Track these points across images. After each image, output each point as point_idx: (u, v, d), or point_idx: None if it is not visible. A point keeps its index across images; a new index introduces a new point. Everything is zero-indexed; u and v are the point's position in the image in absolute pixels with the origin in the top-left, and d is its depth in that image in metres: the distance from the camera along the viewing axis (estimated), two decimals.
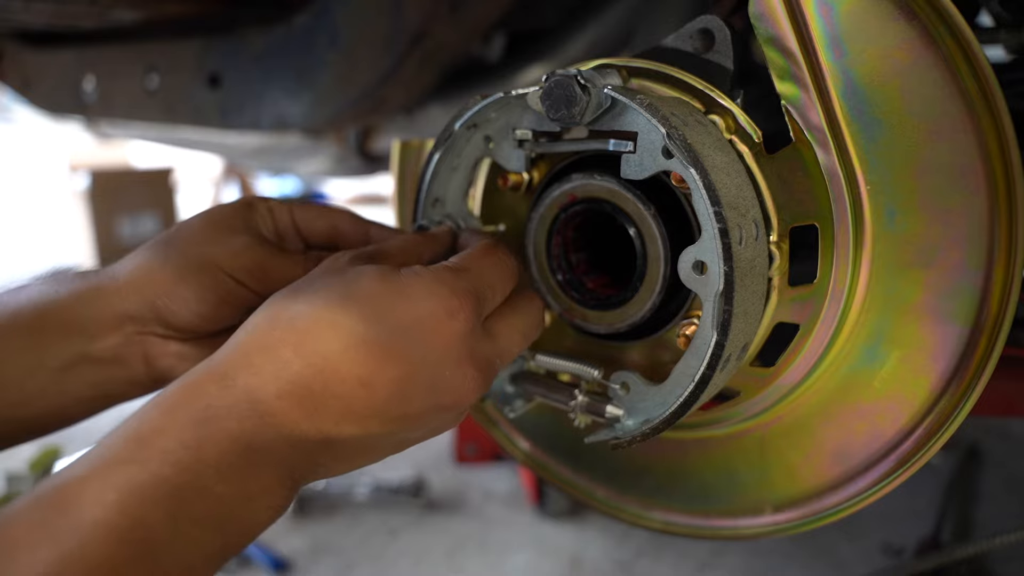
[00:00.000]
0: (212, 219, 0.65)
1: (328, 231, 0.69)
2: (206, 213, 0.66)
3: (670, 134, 0.51)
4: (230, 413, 0.45)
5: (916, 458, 0.57)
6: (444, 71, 1.23)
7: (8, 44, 1.91)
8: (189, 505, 0.42)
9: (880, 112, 0.53)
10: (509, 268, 0.59)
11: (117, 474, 0.42)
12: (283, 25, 1.28)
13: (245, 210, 0.67)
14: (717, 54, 0.60)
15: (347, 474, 1.82)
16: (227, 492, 0.44)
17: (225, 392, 0.46)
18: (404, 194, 0.84)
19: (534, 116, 0.61)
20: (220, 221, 0.65)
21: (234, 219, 0.65)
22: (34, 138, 7.64)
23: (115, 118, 1.70)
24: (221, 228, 0.65)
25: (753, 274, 0.53)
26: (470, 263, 0.56)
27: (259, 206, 0.68)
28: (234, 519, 0.45)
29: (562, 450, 0.81)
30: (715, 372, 0.53)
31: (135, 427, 0.45)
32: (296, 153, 1.74)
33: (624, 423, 0.60)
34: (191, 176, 6.09)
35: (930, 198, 0.53)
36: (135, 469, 0.42)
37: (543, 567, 1.55)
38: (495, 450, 1.94)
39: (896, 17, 0.51)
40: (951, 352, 0.54)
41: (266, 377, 0.46)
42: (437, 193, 0.68)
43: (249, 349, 0.48)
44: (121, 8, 1.36)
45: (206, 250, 0.63)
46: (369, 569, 1.54)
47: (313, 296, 0.49)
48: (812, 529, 0.63)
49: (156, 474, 0.42)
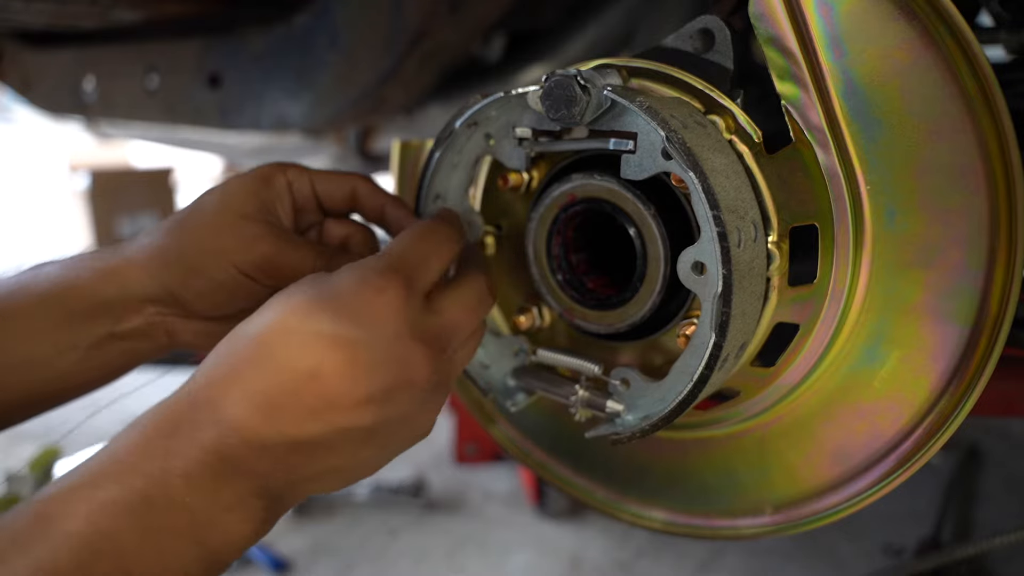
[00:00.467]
0: (226, 203, 0.65)
1: (348, 198, 0.70)
2: (222, 193, 0.66)
3: (669, 137, 0.51)
4: (195, 426, 0.47)
5: (916, 458, 0.57)
6: (444, 71, 1.23)
7: (8, 44, 1.91)
8: (159, 515, 0.44)
9: (880, 112, 0.53)
10: (444, 242, 0.59)
11: (89, 488, 0.44)
12: (283, 25, 1.28)
13: (262, 188, 0.67)
14: (717, 54, 0.60)
15: None
16: (198, 503, 0.45)
17: (191, 408, 0.48)
18: (404, 194, 0.84)
19: (534, 115, 0.61)
20: (234, 206, 0.65)
21: (248, 203, 0.65)
22: (34, 138, 7.64)
23: (115, 118, 1.70)
24: (234, 215, 0.65)
25: (752, 275, 0.54)
26: (397, 244, 0.57)
27: (277, 181, 0.68)
28: (210, 531, 0.46)
29: (562, 450, 0.81)
30: (713, 371, 0.53)
31: (111, 447, 0.47)
32: (296, 153, 1.74)
33: (624, 418, 0.61)
34: (191, 176, 6.09)
35: (930, 198, 0.53)
36: (106, 483, 0.44)
37: (543, 567, 1.55)
38: (495, 450, 1.94)
39: (896, 17, 0.51)
40: (951, 352, 0.54)
41: (224, 388, 0.48)
42: (438, 189, 0.69)
43: (210, 367, 0.50)
44: (121, 8, 1.36)
45: (217, 242, 0.64)
46: (369, 569, 1.54)
47: (264, 310, 0.51)
48: (812, 529, 0.63)
49: (125, 486, 0.44)
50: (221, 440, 0.46)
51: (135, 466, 0.45)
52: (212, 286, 0.64)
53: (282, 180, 0.68)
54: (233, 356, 0.49)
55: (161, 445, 0.46)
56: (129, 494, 0.43)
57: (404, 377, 0.51)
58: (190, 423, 0.47)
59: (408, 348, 0.51)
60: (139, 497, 0.43)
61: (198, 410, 0.47)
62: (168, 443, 0.46)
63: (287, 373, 0.48)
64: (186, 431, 0.46)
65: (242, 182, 0.67)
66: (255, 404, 0.47)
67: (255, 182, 0.67)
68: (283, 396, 0.48)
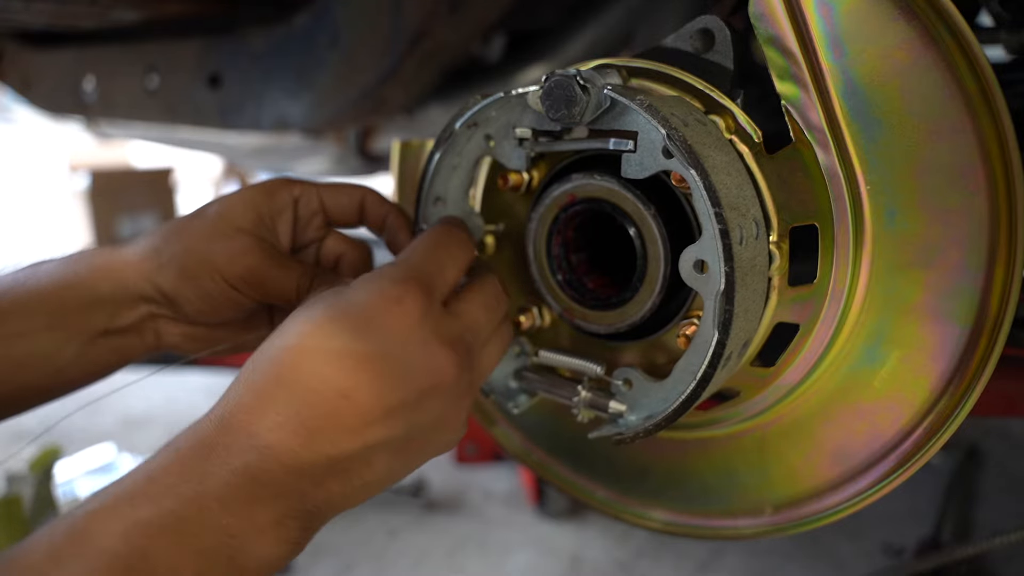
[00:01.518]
0: (224, 214, 0.67)
1: (357, 209, 0.71)
2: (223, 203, 0.68)
3: (670, 135, 0.51)
4: (230, 450, 0.47)
5: (916, 458, 0.57)
6: (444, 71, 1.23)
7: (8, 44, 1.91)
8: (194, 537, 0.44)
9: (880, 112, 0.53)
10: (458, 248, 0.59)
11: (125, 507, 0.44)
12: (283, 25, 1.28)
13: (264, 201, 0.68)
14: (717, 54, 0.60)
15: None
16: (234, 524, 0.45)
17: (225, 433, 0.48)
18: (404, 194, 0.84)
19: (534, 115, 0.61)
20: (231, 218, 0.66)
21: (245, 215, 0.67)
22: (34, 138, 7.64)
23: (115, 118, 1.70)
24: (229, 226, 0.66)
25: (754, 273, 0.54)
26: (411, 253, 0.58)
27: (281, 195, 0.68)
28: (245, 552, 0.46)
29: (562, 450, 0.81)
30: (716, 370, 0.53)
31: (146, 467, 0.47)
32: (296, 153, 1.74)
33: (627, 419, 0.61)
34: (191, 176, 6.09)
35: (930, 198, 0.53)
36: (142, 502, 0.44)
37: (543, 567, 1.55)
38: (495, 450, 1.94)
39: (896, 17, 0.51)
40: (951, 352, 0.54)
41: (258, 414, 0.48)
42: (438, 192, 0.69)
43: (242, 391, 0.50)
44: (121, 8, 1.36)
45: (207, 251, 0.65)
46: (369, 569, 1.54)
47: (285, 329, 0.51)
48: (812, 529, 0.63)
49: (161, 506, 0.44)
50: (258, 465, 0.47)
51: (171, 487, 0.45)
52: (200, 293, 0.66)
53: (286, 194, 0.69)
54: (262, 379, 0.50)
55: (197, 468, 0.46)
56: (164, 514, 0.44)
57: (433, 382, 0.52)
58: (225, 448, 0.47)
59: (433, 354, 0.52)
60: (175, 518, 0.44)
61: (232, 434, 0.48)
62: (204, 466, 0.46)
63: (319, 395, 0.48)
64: (221, 455, 0.47)
65: (245, 194, 0.68)
66: (291, 429, 0.47)
67: (258, 195, 0.68)
68: (318, 419, 0.48)
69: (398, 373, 0.50)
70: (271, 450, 0.47)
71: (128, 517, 0.43)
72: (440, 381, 0.52)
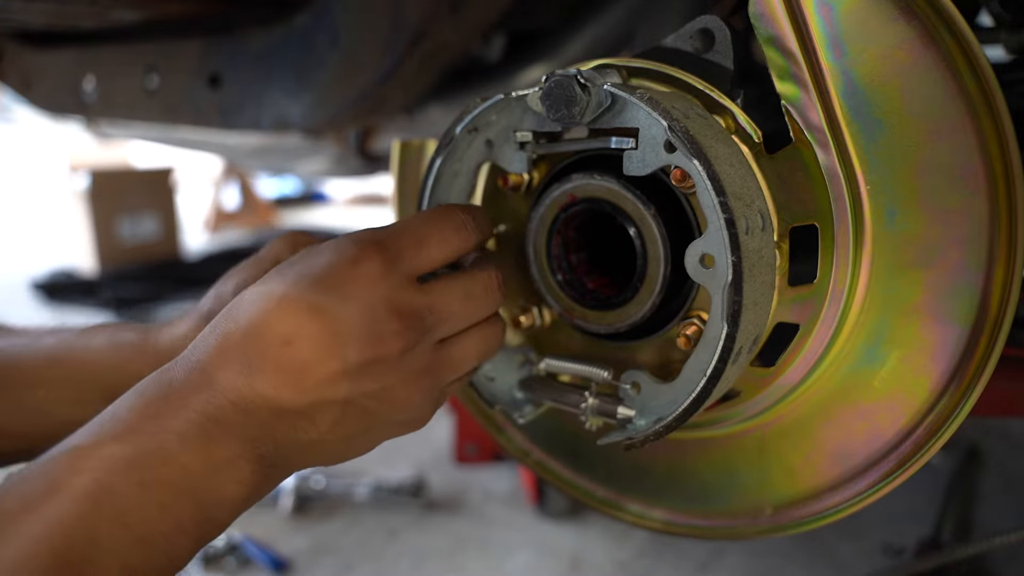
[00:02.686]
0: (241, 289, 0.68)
1: None
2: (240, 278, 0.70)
3: (672, 126, 0.51)
4: (186, 386, 0.50)
5: (916, 458, 0.57)
6: (444, 71, 1.23)
7: (8, 44, 1.91)
8: (155, 471, 0.46)
9: (880, 112, 0.53)
10: (451, 230, 0.57)
11: (93, 447, 0.47)
12: (283, 25, 1.28)
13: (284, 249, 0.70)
14: (717, 54, 0.60)
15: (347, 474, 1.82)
16: (191, 461, 0.48)
17: (185, 371, 0.51)
18: (404, 194, 0.84)
19: (535, 117, 0.61)
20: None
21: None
22: (34, 138, 7.64)
23: (115, 118, 1.69)
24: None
25: (761, 264, 0.53)
26: (397, 223, 0.57)
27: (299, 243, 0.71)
28: (203, 489, 0.48)
29: (562, 450, 0.81)
30: (727, 365, 0.53)
31: (113, 409, 0.50)
32: (296, 153, 1.74)
33: (636, 423, 0.60)
34: (191, 176, 6.09)
35: (930, 198, 0.53)
36: (108, 441, 0.47)
37: (543, 567, 1.55)
38: (495, 450, 1.94)
39: (896, 17, 0.51)
40: (951, 352, 0.54)
41: (216, 354, 0.50)
42: (440, 199, 0.68)
43: (206, 333, 0.53)
44: (121, 8, 1.36)
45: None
46: (369, 569, 1.54)
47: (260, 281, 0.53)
48: (812, 529, 0.63)
49: (125, 443, 0.47)
50: (211, 402, 0.49)
51: (134, 425, 0.48)
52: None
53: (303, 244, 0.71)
54: (223, 321, 0.52)
55: (158, 406, 0.49)
56: (128, 450, 0.46)
57: (375, 351, 0.51)
58: (184, 385, 0.50)
59: (377, 320, 0.51)
60: (137, 453, 0.46)
61: (191, 372, 0.50)
62: (164, 404, 0.49)
63: (263, 339, 0.50)
64: (180, 393, 0.49)
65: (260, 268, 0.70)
66: (238, 369, 0.50)
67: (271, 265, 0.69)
68: (261, 361, 0.50)
69: (341, 333, 0.50)
70: (222, 389, 0.49)
71: (94, 455, 0.46)
72: (383, 352, 0.51)
